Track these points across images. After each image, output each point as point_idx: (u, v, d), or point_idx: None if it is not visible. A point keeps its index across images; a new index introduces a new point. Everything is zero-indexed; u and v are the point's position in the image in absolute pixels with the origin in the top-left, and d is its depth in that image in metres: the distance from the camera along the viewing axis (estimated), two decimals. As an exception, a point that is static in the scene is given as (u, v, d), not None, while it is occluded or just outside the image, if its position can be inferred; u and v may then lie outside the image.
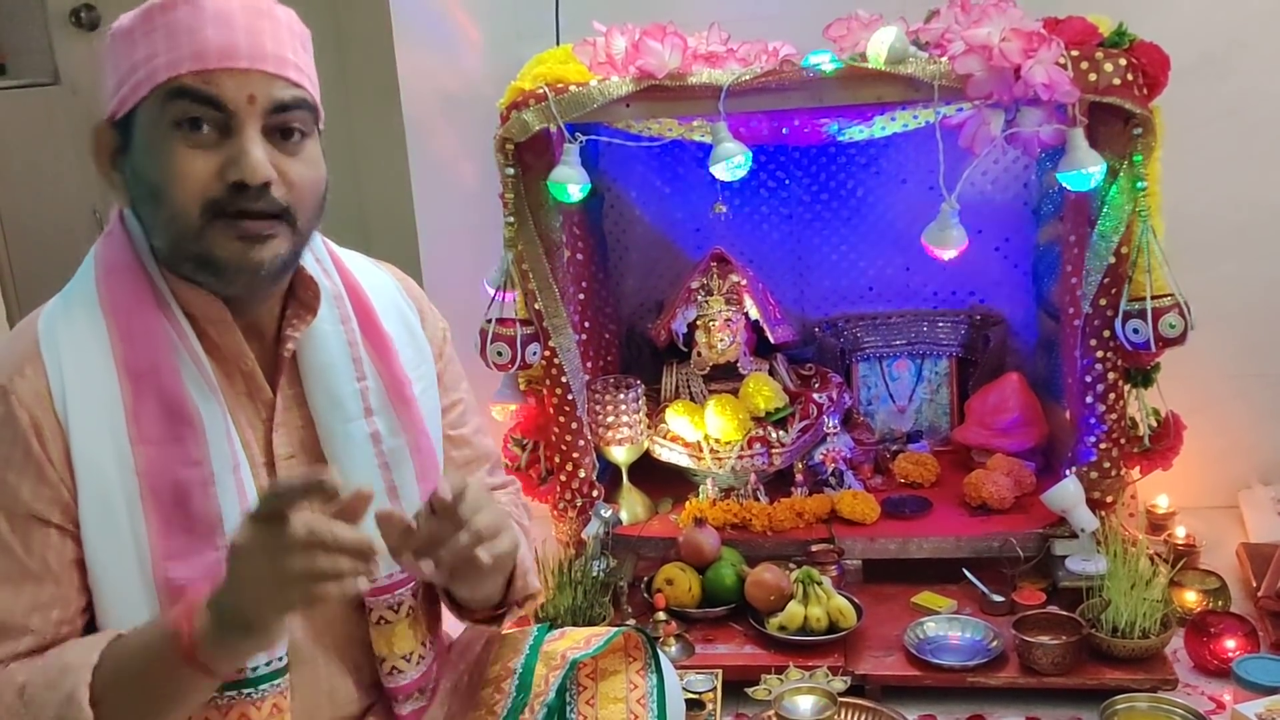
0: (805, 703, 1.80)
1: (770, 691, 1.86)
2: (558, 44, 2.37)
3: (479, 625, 1.37)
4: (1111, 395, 2.08)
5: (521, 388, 2.29)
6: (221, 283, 1.14)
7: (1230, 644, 1.88)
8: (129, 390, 1.14)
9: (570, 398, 2.24)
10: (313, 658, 1.26)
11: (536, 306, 2.17)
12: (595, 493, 2.30)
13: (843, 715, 1.84)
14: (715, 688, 1.88)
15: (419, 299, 1.41)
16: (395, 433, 1.28)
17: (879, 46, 1.95)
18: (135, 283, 1.17)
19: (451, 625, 1.41)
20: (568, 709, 1.31)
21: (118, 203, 1.20)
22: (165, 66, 1.09)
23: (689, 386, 2.47)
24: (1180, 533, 2.26)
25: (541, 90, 2.05)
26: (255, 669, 1.17)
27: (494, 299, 2.17)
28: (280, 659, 1.19)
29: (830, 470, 2.38)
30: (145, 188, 1.13)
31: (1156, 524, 2.33)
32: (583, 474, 2.28)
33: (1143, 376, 2.09)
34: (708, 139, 2.10)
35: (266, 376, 1.23)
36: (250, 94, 1.10)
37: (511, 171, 2.10)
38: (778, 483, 2.41)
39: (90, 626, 1.16)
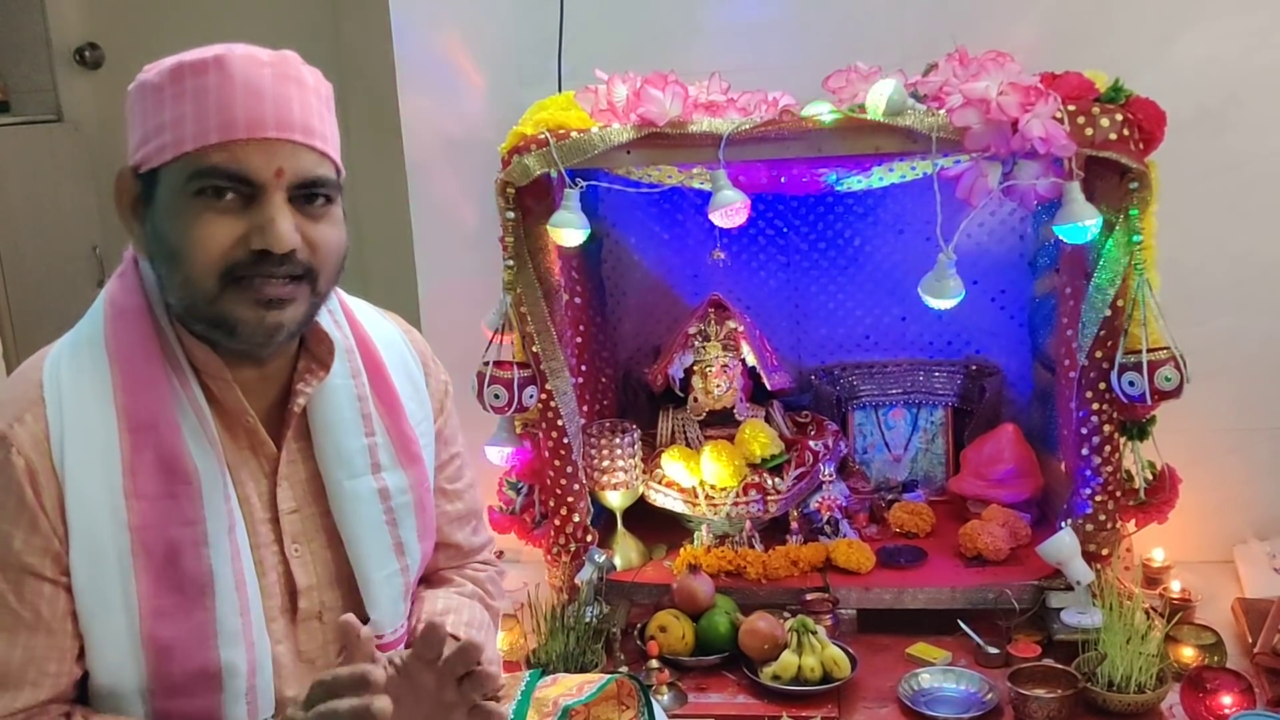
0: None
1: (763, 742, 1.84)
2: (559, 90, 2.39)
3: None
4: (1107, 448, 2.08)
5: (517, 431, 2.29)
6: (235, 342, 1.13)
7: (1226, 700, 1.86)
8: (128, 442, 1.12)
9: (566, 441, 2.23)
10: None
11: (534, 349, 2.17)
12: (589, 538, 2.29)
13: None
14: (708, 737, 1.87)
15: (424, 352, 1.40)
16: (404, 490, 1.28)
17: (878, 98, 1.97)
18: (143, 329, 1.15)
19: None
20: (559, 757, 1.30)
21: (134, 249, 1.18)
22: (192, 136, 1.07)
23: (685, 432, 2.47)
24: (1176, 587, 2.24)
25: (543, 135, 2.06)
26: None
27: (491, 341, 2.18)
28: (269, 718, 1.18)
29: (825, 519, 2.37)
30: (164, 248, 1.11)
31: (1152, 578, 2.32)
32: (577, 518, 2.27)
33: (1138, 429, 2.09)
34: (707, 186, 2.12)
35: (273, 428, 1.22)
36: (279, 167, 1.08)
37: (512, 215, 2.11)
38: (773, 530, 2.40)
39: (84, 676, 1.15)
